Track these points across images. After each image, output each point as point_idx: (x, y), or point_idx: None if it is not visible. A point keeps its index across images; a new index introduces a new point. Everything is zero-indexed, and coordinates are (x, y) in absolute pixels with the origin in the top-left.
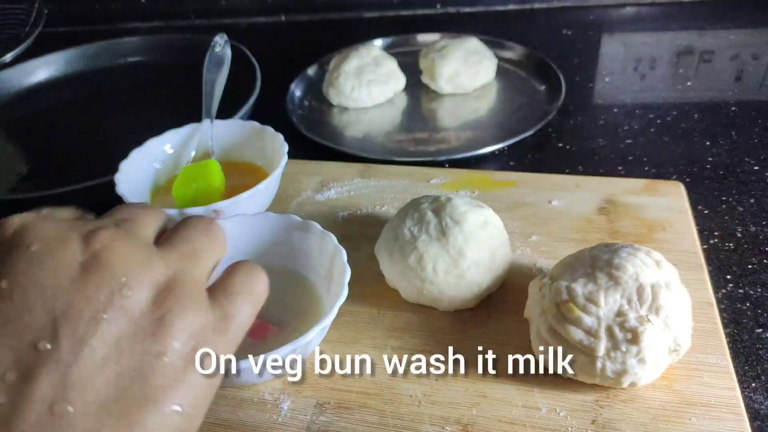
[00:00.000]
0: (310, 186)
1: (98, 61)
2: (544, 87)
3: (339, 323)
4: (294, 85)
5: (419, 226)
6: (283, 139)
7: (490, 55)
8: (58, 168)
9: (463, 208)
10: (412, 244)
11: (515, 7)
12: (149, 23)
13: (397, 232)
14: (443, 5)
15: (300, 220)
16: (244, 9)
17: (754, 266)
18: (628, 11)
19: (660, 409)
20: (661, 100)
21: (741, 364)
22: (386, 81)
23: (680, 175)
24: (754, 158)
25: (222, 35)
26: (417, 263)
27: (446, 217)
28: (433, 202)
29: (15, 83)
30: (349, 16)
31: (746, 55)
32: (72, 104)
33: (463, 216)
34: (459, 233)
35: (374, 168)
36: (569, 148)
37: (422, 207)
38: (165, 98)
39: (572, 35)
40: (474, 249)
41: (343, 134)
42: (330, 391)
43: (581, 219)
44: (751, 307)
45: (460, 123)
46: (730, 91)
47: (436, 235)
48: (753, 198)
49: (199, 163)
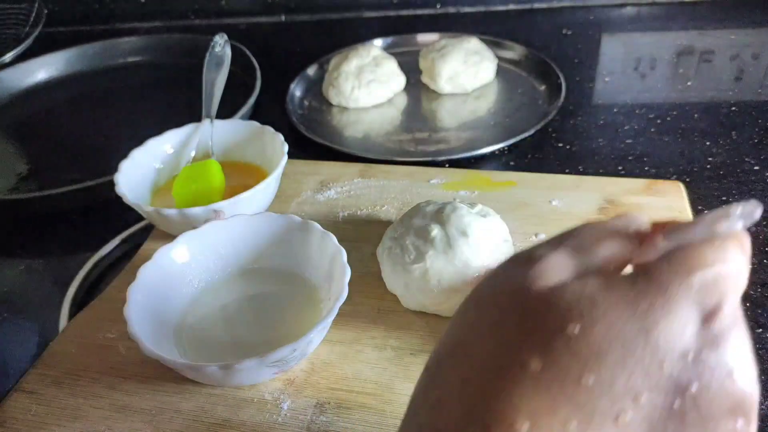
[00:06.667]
0: (310, 186)
1: (98, 61)
2: (544, 87)
3: (339, 323)
4: (294, 85)
5: (423, 240)
6: (283, 139)
7: (490, 55)
8: (58, 168)
9: (468, 218)
10: (416, 257)
11: (515, 7)
12: (149, 23)
13: (401, 243)
14: (443, 5)
15: (300, 220)
16: (244, 9)
17: (754, 266)
18: (628, 11)
19: None
20: (661, 100)
21: None
22: (386, 81)
23: (680, 175)
24: (754, 158)
25: (222, 35)
26: (422, 277)
27: (451, 228)
28: (437, 213)
29: (15, 83)
30: (349, 16)
31: (746, 55)
32: (72, 104)
33: (469, 226)
34: (465, 245)
35: (374, 168)
36: (569, 148)
37: (426, 216)
38: (165, 98)
39: (572, 35)
40: (480, 259)
41: (343, 134)
42: (330, 391)
43: (581, 219)
44: (751, 307)
45: (460, 123)
46: (730, 91)
47: (442, 247)
48: (753, 198)
49: (199, 163)
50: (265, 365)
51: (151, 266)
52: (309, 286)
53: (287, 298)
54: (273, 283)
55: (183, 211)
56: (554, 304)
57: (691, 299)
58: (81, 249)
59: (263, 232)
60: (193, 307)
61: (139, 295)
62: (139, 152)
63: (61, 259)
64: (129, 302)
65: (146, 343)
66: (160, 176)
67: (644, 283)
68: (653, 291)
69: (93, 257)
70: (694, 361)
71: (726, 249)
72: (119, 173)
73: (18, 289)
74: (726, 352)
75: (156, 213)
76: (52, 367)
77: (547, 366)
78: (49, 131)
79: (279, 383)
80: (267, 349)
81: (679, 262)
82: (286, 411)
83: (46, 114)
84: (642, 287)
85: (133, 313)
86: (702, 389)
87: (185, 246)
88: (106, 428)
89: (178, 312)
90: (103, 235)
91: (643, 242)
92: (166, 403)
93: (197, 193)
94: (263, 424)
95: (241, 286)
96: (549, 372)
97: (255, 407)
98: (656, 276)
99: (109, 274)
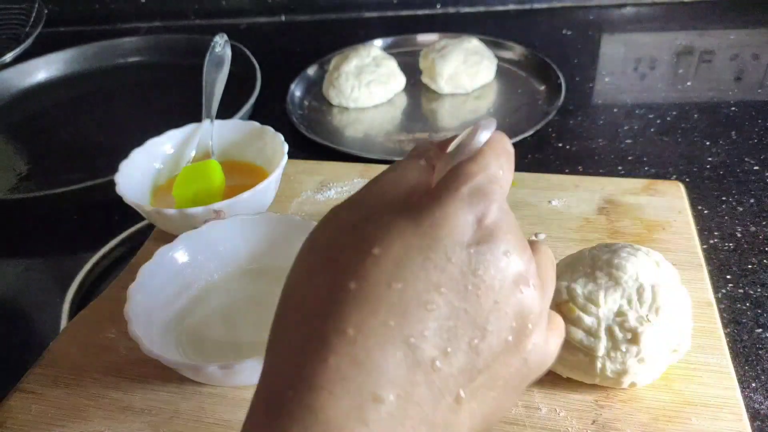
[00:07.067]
0: (310, 186)
1: (98, 61)
2: (544, 87)
3: None
4: (294, 85)
5: None
6: (283, 139)
7: (490, 55)
8: (58, 168)
9: None
10: None
11: (515, 7)
12: (149, 23)
13: None
14: (443, 5)
15: (300, 220)
16: (244, 9)
17: (754, 266)
18: (628, 11)
19: (660, 409)
20: (661, 100)
21: (741, 364)
22: (386, 81)
23: (680, 175)
24: (754, 158)
25: (222, 35)
26: None
27: None
28: None
29: (15, 83)
30: (349, 16)
31: (746, 55)
32: (72, 104)
33: None
34: None
35: (374, 168)
36: (569, 148)
37: None
38: (165, 98)
39: (572, 35)
40: None
41: (343, 134)
42: None
43: (581, 219)
44: (751, 307)
45: (460, 123)
46: (730, 91)
47: None
48: (753, 198)
49: (199, 163)
50: None
51: (151, 266)
52: None
53: None
54: (273, 283)
55: (183, 211)
56: (360, 237)
57: (464, 205)
58: (81, 249)
59: (263, 232)
60: (193, 307)
61: (139, 295)
62: (139, 152)
63: (61, 259)
64: (129, 302)
65: (146, 343)
66: (160, 176)
67: (427, 201)
68: (434, 205)
69: (93, 257)
70: (476, 252)
71: (482, 161)
72: (119, 173)
73: (18, 289)
74: (499, 239)
75: (156, 213)
76: (52, 367)
77: (360, 284)
78: (49, 131)
79: None
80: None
81: (450, 180)
82: None
83: (46, 114)
84: (425, 204)
85: (133, 313)
86: (486, 270)
87: (185, 246)
88: (106, 428)
89: (178, 312)
90: (103, 235)
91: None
92: (166, 403)
93: (197, 193)
94: None
95: (241, 286)
96: (364, 288)
97: None
98: (435, 194)
99: (109, 274)
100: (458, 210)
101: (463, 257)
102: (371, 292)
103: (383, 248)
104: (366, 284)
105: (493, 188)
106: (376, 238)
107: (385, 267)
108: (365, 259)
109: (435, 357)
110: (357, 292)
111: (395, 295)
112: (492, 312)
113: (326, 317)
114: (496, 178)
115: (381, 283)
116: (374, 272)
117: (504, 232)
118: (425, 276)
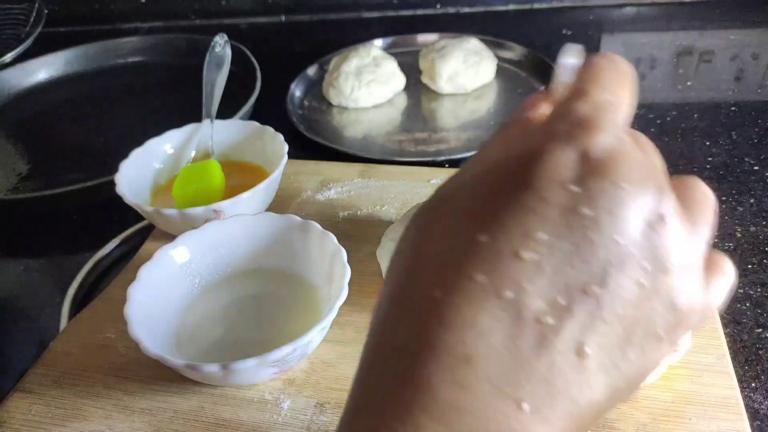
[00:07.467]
0: (310, 186)
1: (98, 61)
2: (544, 87)
3: (339, 323)
4: (294, 85)
5: None
6: (283, 139)
7: (490, 55)
8: (58, 168)
9: None
10: None
11: (515, 7)
12: (149, 23)
13: None
14: (443, 5)
15: (300, 220)
16: (244, 9)
17: (754, 266)
18: (628, 11)
19: (660, 409)
20: (661, 100)
21: (741, 364)
22: (386, 81)
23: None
24: (754, 158)
25: (222, 35)
26: None
27: None
28: None
29: (15, 83)
30: (349, 16)
31: (746, 55)
32: (72, 104)
33: None
34: None
35: (374, 168)
36: None
37: None
38: (165, 98)
39: (572, 35)
40: None
41: (343, 134)
42: (330, 391)
43: None
44: (751, 307)
45: (460, 123)
46: (730, 91)
47: None
48: (753, 198)
49: (199, 163)
50: (265, 365)
51: (151, 266)
52: (309, 286)
53: (287, 298)
54: (273, 283)
55: (183, 211)
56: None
57: (560, 142)
58: (81, 249)
59: (263, 232)
60: (193, 307)
61: (139, 295)
62: (139, 152)
63: (61, 259)
64: (129, 302)
65: (146, 343)
66: (160, 176)
67: (520, 143)
68: (524, 154)
69: (93, 257)
70: (581, 189)
71: (577, 91)
72: (119, 173)
73: (18, 289)
74: (611, 171)
75: (156, 213)
76: (52, 367)
77: (447, 244)
78: (49, 131)
79: (279, 383)
80: (267, 349)
81: (543, 125)
82: (286, 411)
83: (46, 114)
84: (518, 146)
85: (133, 313)
86: (596, 207)
87: (185, 246)
88: (106, 428)
89: (178, 312)
90: (103, 235)
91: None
92: (166, 403)
93: (197, 193)
94: (263, 424)
95: (241, 286)
96: (451, 247)
97: (255, 407)
98: (530, 137)
99: (109, 274)
100: (552, 149)
101: (563, 196)
102: (456, 248)
103: (472, 199)
104: (451, 241)
105: (598, 115)
106: (464, 193)
107: (475, 217)
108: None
109: (541, 310)
110: (443, 253)
111: (485, 247)
112: (611, 252)
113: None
114: (602, 105)
115: (467, 234)
116: (462, 225)
117: (619, 162)
118: (516, 223)
